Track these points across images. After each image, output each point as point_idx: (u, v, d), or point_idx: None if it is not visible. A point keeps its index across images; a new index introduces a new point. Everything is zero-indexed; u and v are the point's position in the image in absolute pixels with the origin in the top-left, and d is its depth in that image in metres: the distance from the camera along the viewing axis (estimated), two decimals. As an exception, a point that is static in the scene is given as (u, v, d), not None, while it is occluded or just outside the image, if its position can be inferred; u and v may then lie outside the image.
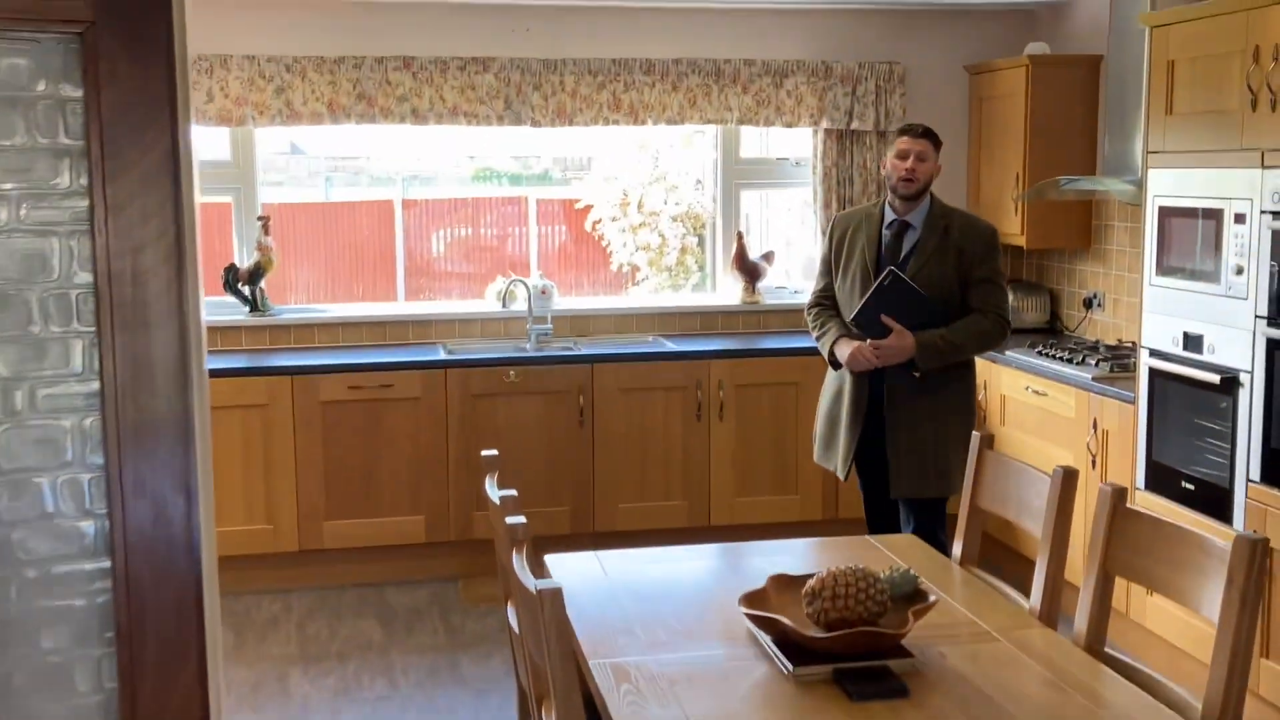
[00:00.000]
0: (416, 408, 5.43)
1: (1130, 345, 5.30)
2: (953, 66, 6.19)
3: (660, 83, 5.83)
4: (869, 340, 4.07)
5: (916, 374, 4.06)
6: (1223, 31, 3.92)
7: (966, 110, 6.22)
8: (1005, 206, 5.81)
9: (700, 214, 6.44)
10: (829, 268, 4.32)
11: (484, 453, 3.21)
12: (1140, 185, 4.89)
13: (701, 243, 6.47)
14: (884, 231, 4.17)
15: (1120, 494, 2.64)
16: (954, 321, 4.08)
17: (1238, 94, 3.86)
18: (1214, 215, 3.99)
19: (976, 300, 4.12)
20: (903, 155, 4.09)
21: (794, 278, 6.53)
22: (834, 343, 4.20)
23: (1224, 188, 3.94)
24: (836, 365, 4.23)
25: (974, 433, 3.10)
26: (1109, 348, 5.27)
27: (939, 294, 4.06)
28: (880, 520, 4.33)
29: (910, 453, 4.11)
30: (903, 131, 4.18)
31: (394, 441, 5.42)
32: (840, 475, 4.26)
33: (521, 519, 2.59)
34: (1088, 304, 5.74)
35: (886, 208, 4.19)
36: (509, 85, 5.72)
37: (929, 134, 4.16)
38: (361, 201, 6.46)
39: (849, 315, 4.15)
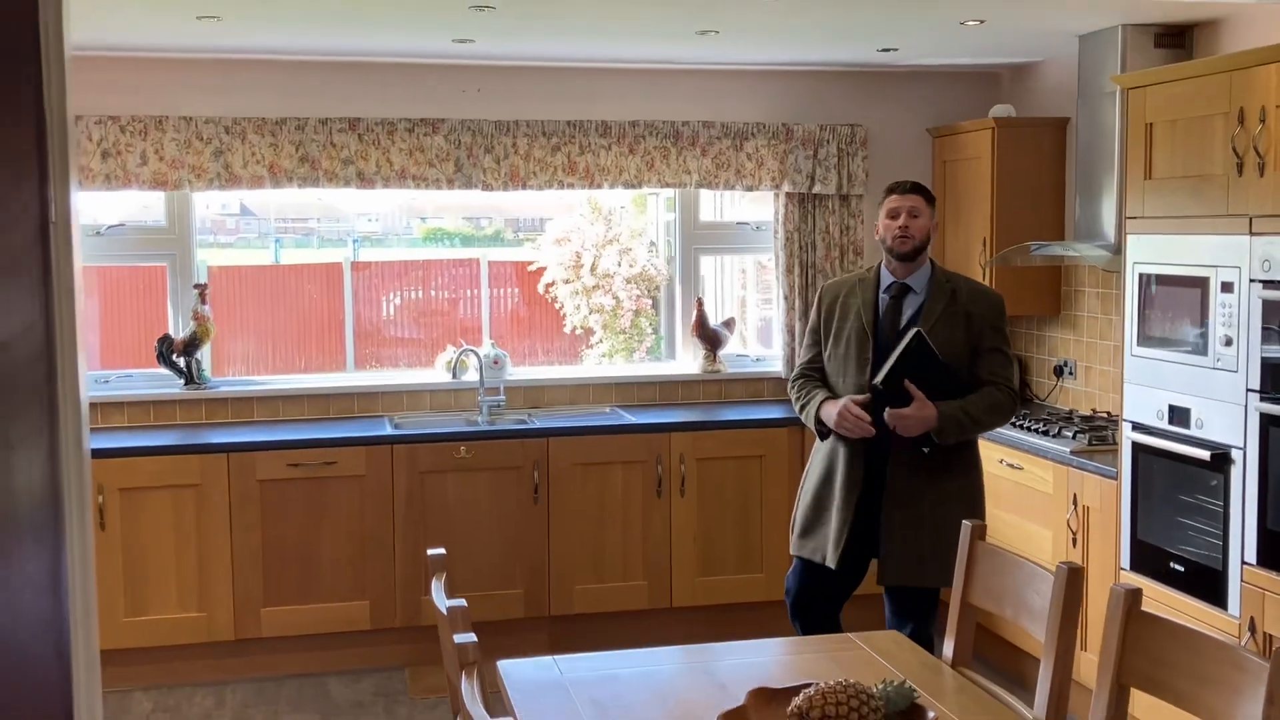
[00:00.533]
0: (361, 486, 5.13)
1: (1106, 415, 5.12)
2: (916, 129, 6.04)
3: (617, 145, 5.63)
4: (887, 411, 3.65)
5: (927, 449, 3.70)
6: (1204, 93, 3.77)
7: (930, 173, 6.07)
8: (972, 271, 5.62)
9: (654, 275, 6.24)
10: (817, 338, 3.97)
11: (430, 552, 2.93)
12: (1114, 250, 4.75)
13: (656, 305, 6.30)
14: (881, 295, 3.85)
15: (1135, 596, 2.41)
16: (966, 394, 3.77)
17: (1222, 158, 3.70)
18: (1199, 284, 3.81)
19: (986, 371, 3.80)
20: (893, 214, 3.81)
21: (752, 344, 6.32)
22: (819, 405, 3.82)
23: (1209, 255, 3.77)
24: (824, 434, 3.85)
25: (963, 521, 2.86)
26: (1084, 418, 5.08)
27: (950, 362, 3.73)
28: (816, 603, 3.90)
29: (907, 537, 3.74)
30: (890, 190, 3.88)
31: (337, 522, 5.12)
32: (830, 563, 3.80)
33: (471, 637, 2.31)
34: (1058, 372, 5.56)
35: (883, 271, 3.89)
36: (459, 148, 5.50)
37: (919, 189, 3.87)
38: (310, 264, 6.25)
39: (842, 387, 3.83)
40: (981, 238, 5.56)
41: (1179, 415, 3.93)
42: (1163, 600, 4.02)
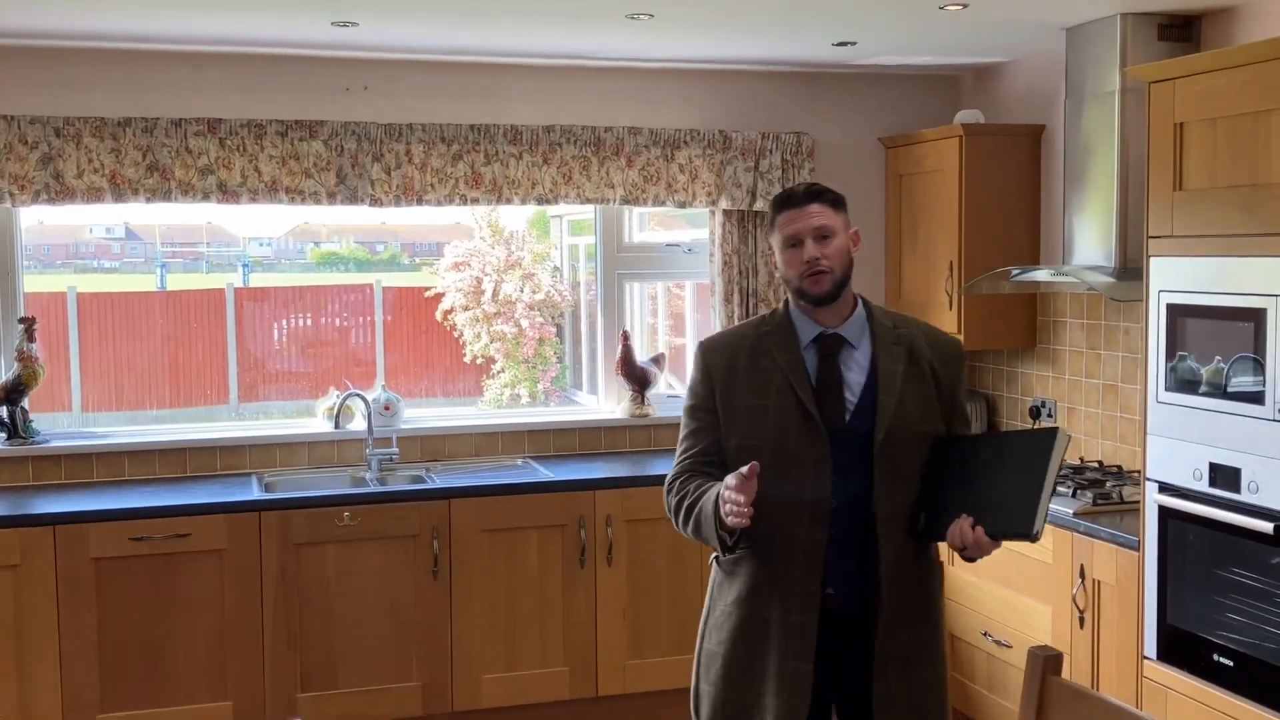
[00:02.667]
0: (221, 563, 4.23)
1: (1098, 465, 4.44)
2: (867, 138, 5.34)
3: (529, 154, 4.81)
4: (966, 518, 2.48)
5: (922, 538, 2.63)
6: (1259, 83, 3.09)
7: (883, 188, 5.37)
8: (937, 300, 4.93)
9: (559, 302, 5.72)
10: (711, 419, 2.66)
11: None
12: (1118, 276, 4.07)
13: (561, 333, 5.79)
14: (803, 355, 2.64)
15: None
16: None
17: (1285, 162, 3.02)
18: (1253, 316, 3.12)
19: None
20: (793, 239, 2.60)
21: (675, 381, 5.55)
22: (716, 498, 2.50)
23: (1268, 281, 3.07)
24: (729, 546, 2.56)
25: (1032, 650, 2.08)
26: (1075, 469, 4.39)
27: (928, 440, 2.64)
28: None
29: (908, 703, 2.63)
30: (778, 205, 2.64)
31: (192, 608, 4.21)
32: None
33: None
34: (1034, 413, 4.87)
35: (795, 318, 2.67)
36: (342, 155, 4.64)
37: (818, 194, 2.62)
38: (193, 291, 5.76)
39: (783, 512, 2.54)
40: (948, 262, 4.86)
41: (1225, 476, 3.23)
42: (1202, 699, 3.31)
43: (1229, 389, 3.23)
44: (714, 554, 2.73)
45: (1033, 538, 2.42)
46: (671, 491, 2.70)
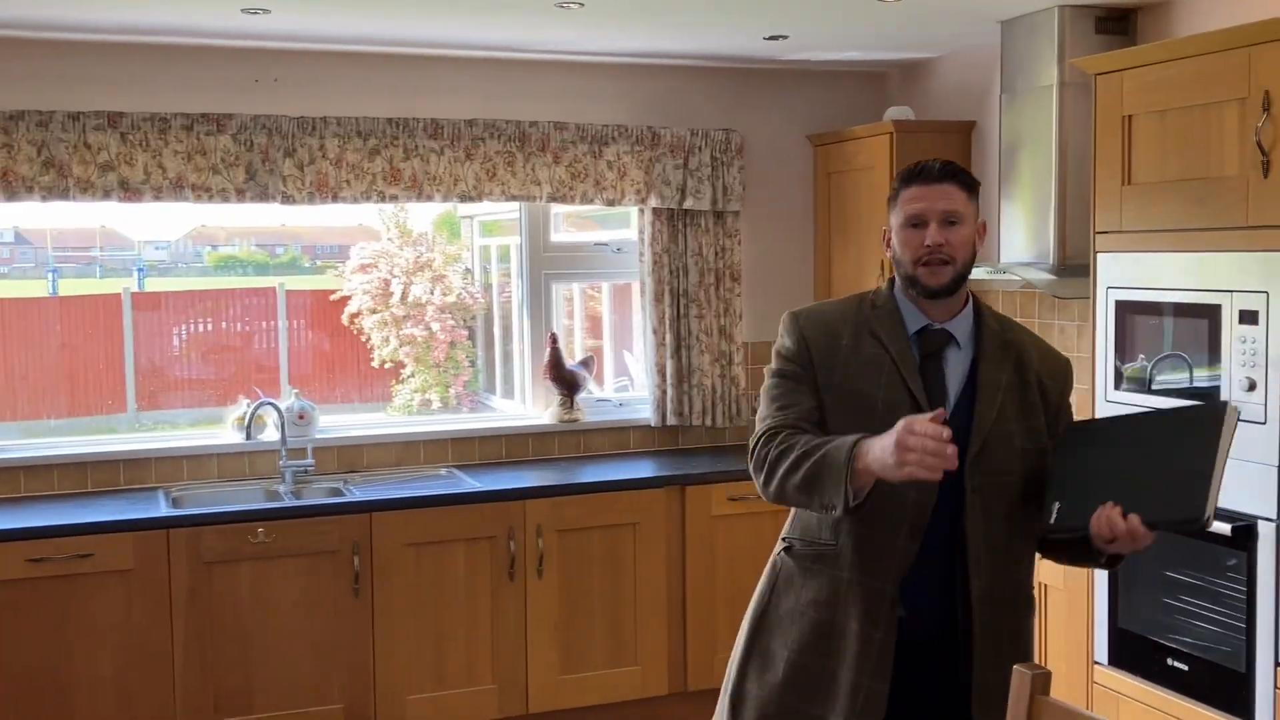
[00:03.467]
0: (127, 584, 3.96)
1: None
2: (795, 136, 5.23)
3: (451, 149, 4.62)
4: (1113, 505, 2.10)
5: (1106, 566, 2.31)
6: (1209, 75, 3.03)
7: (812, 187, 5.27)
8: (870, 300, 4.83)
9: (470, 304, 5.54)
10: (805, 386, 2.34)
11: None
12: (1057, 272, 4.01)
13: (473, 335, 5.60)
14: (910, 345, 2.34)
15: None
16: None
17: (1239, 155, 2.95)
18: (1207, 313, 3.06)
19: None
20: (916, 219, 2.28)
21: (610, 388, 5.40)
22: (853, 445, 2.12)
23: (1223, 277, 3.01)
24: (855, 503, 2.12)
25: (1018, 668, 1.96)
26: (1014, 470, 4.31)
27: (1028, 459, 2.29)
28: None
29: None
30: (907, 179, 2.31)
31: (96, 633, 3.94)
32: None
33: None
34: (968, 414, 4.79)
35: (901, 304, 2.35)
36: (252, 150, 4.40)
37: (955, 173, 2.30)
38: (87, 296, 5.54)
39: (891, 513, 2.24)
40: (878, 260, 4.77)
41: (1178, 476, 3.16)
42: (1157, 705, 3.24)
43: (1181, 388, 3.16)
44: (784, 545, 2.43)
45: (1203, 523, 2.04)
46: (775, 440, 2.28)
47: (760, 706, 2.37)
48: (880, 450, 2.05)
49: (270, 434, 4.66)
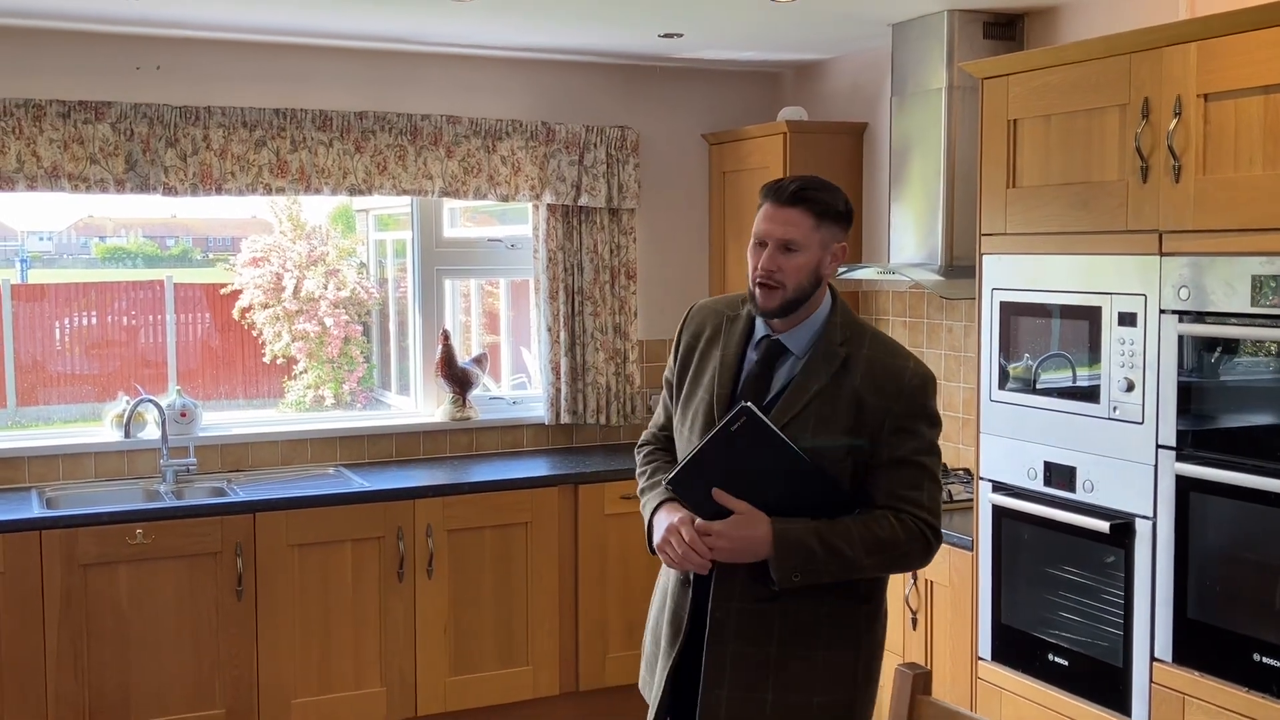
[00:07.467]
0: (-4, 588, 3.82)
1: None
2: (690, 134, 5.23)
3: (340, 141, 4.52)
4: (695, 520, 2.30)
5: (775, 590, 2.28)
6: (1092, 81, 3.08)
7: (708, 185, 5.27)
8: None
9: (365, 299, 5.45)
10: (672, 397, 2.56)
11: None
12: (944, 274, 4.06)
13: (367, 331, 5.50)
14: (749, 352, 2.44)
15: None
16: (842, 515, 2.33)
17: (1119, 160, 3.01)
18: (1088, 314, 3.11)
19: (884, 492, 2.32)
20: (760, 239, 2.35)
21: (507, 385, 5.34)
22: (654, 511, 2.42)
23: (1103, 280, 3.07)
24: (652, 549, 2.42)
25: (900, 668, 1.97)
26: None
27: (822, 456, 2.34)
28: None
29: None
30: (765, 194, 2.37)
31: (-40, 639, 3.78)
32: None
33: None
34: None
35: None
36: (132, 140, 4.26)
37: (804, 196, 2.32)
38: None
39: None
40: (773, 259, 4.78)
41: (1060, 475, 3.22)
42: (1037, 699, 3.30)
43: (1063, 387, 3.22)
44: None
45: (668, 483, 2.35)
46: (640, 454, 2.65)
47: (646, 641, 2.60)
48: (658, 531, 2.38)
49: (151, 432, 4.52)
